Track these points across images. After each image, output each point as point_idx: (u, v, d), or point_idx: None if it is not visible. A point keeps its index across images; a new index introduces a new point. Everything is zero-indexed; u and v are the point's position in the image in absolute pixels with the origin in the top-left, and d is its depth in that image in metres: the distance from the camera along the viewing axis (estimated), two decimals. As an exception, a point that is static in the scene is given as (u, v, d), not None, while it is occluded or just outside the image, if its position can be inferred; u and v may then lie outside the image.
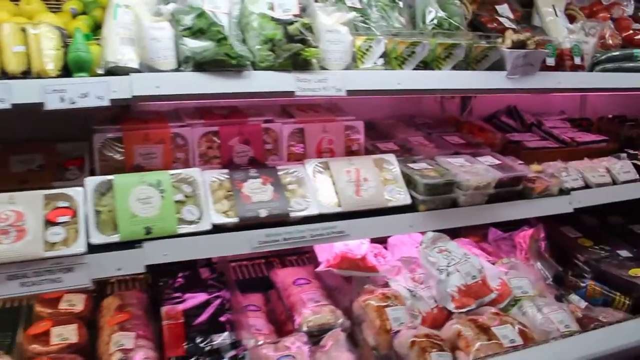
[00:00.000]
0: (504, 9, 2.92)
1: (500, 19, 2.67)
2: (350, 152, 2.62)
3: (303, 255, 2.87)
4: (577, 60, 2.64)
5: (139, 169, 2.24)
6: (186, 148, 2.35)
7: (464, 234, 2.86)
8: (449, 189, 2.26)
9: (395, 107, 3.18)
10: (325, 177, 2.27)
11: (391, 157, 2.39)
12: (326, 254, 2.37)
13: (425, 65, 2.35)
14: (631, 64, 2.80)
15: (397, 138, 2.73)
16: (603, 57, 2.79)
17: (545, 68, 2.58)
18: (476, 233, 2.85)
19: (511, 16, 2.89)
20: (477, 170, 2.35)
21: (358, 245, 2.35)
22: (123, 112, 2.38)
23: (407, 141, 2.66)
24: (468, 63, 2.41)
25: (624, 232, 3.11)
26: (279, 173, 2.25)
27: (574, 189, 2.62)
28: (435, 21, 2.54)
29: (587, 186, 2.70)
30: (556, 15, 2.90)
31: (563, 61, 2.63)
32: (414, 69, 2.32)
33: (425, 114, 3.13)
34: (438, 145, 2.66)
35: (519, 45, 2.44)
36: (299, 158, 2.54)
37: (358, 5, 2.48)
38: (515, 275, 2.39)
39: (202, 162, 2.34)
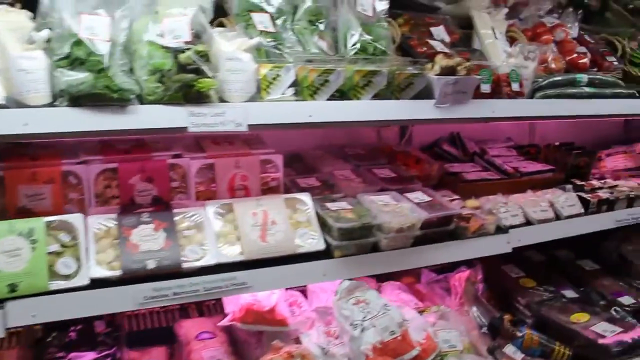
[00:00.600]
0: (439, 31, 2.75)
1: (432, 42, 2.50)
2: (267, 190, 2.41)
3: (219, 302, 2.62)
4: (515, 87, 2.47)
5: (24, 212, 2.03)
6: (80, 187, 2.13)
7: (396, 276, 2.64)
8: (366, 233, 2.06)
9: (327, 135, 2.97)
10: (228, 220, 2.04)
11: (306, 197, 2.19)
12: (232, 304, 2.14)
13: (342, 94, 2.13)
14: (574, 90, 2.65)
15: (322, 172, 2.53)
16: (544, 83, 2.63)
17: (480, 95, 2.38)
18: (412, 273, 2.63)
19: (447, 39, 2.71)
20: (401, 209, 2.15)
21: (268, 295, 2.13)
22: (11, 147, 2.13)
23: (332, 176, 2.47)
24: (391, 91, 2.20)
25: (572, 269, 2.93)
26: (175, 217, 2.03)
27: (513, 227, 2.45)
28: (357, 45, 2.34)
29: (528, 222, 2.50)
30: (495, 38, 2.72)
31: (500, 88, 2.44)
32: (329, 99, 2.10)
33: (360, 143, 2.93)
34: (365, 180, 2.46)
35: (448, 71, 2.26)
36: (210, 197, 2.33)
37: (271, 30, 2.27)
38: (443, 326, 2.19)
39: (98, 203, 2.14)
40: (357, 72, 2.16)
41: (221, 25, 2.31)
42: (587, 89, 2.74)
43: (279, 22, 2.37)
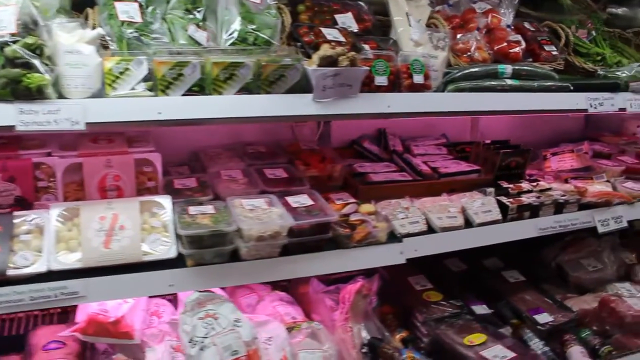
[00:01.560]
0: (345, 18, 2.54)
1: (326, 30, 2.29)
2: (144, 191, 2.29)
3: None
4: (418, 79, 2.29)
5: None
6: None
7: (293, 285, 2.48)
8: (220, 241, 1.91)
9: (242, 132, 2.82)
10: (74, 225, 1.91)
11: (165, 200, 2.05)
12: (82, 312, 2.01)
13: (201, 89, 1.97)
14: (493, 82, 2.41)
15: (208, 172, 2.36)
16: (458, 74, 2.43)
17: (376, 88, 2.18)
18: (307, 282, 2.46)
19: (354, 27, 2.49)
20: (268, 215, 2.01)
21: (118, 305, 1.98)
22: None
23: (216, 176, 2.31)
24: (259, 85, 2.02)
25: (494, 280, 2.69)
26: (15, 220, 1.92)
27: (410, 235, 2.23)
28: (235, 35, 2.17)
29: (431, 230, 2.28)
30: (409, 25, 2.50)
31: (399, 80, 2.23)
32: (187, 94, 1.94)
33: (267, 140, 2.75)
34: (251, 181, 2.31)
35: (328, 62, 2.07)
36: (80, 197, 2.20)
37: (137, 20, 2.12)
38: (308, 345, 2.02)
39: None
40: (215, 65, 2.00)
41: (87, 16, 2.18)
42: (509, 82, 2.52)
43: (149, 10, 2.20)
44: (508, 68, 2.57)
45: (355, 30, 2.57)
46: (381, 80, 2.30)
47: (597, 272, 2.90)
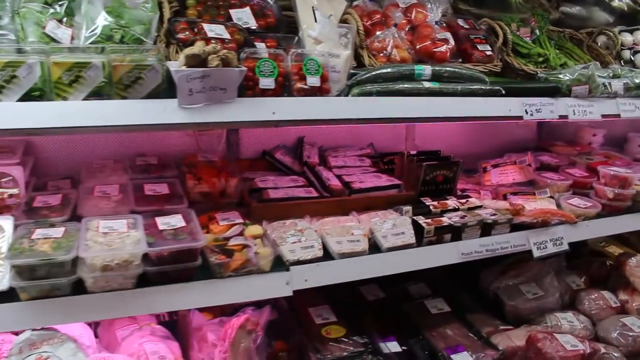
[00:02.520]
0: (243, 13, 2.26)
1: (209, 26, 2.01)
2: (4, 208, 1.99)
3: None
4: (313, 81, 2.02)
5: None
6: None
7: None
8: (57, 271, 1.65)
9: (135, 142, 2.56)
10: None
11: (5, 222, 1.74)
12: None
13: (42, 94, 1.69)
14: (407, 85, 2.12)
15: (82, 187, 2.10)
16: (366, 76, 2.14)
17: (261, 92, 1.90)
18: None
19: (252, 23, 2.22)
20: (123, 241, 1.71)
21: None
22: None
23: (89, 192, 2.04)
24: (115, 89, 1.74)
25: (415, 311, 2.38)
26: None
27: (300, 262, 1.94)
28: (97, 32, 1.89)
29: (329, 256, 2.00)
30: (315, 21, 2.21)
31: (290, 82, 1.94)
32: (22, 99, 1.66)
33: (170, 150, 2.50)
34: (124, 198, 2.01)
35: (196, 62, 1.78)
36: None
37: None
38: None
39: None
40: (56, 66, 1.72)
41: None
42: (427, 85, 2.22)
43: (-1, 4, 1.94)
44: (426, 69, 2.27)
45: (253, 27, 2.29)
46: (267, 83, 2.01)
47: (537, 300, 2.59)
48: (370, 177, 2.53)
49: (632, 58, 3.06)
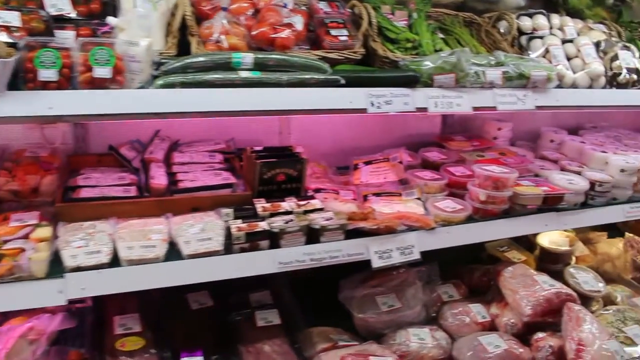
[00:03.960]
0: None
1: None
2: None
3: None
4: (101, 72, 1.83)
5: None
6: None
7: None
8: None
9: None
10: None
11: None
12: None
13: None
14: (218, 75, 1.91)
15: None
16: (173, 66, 1.95)
17: (42, 85, 1.73)
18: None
19: (68, 10, 2.07)
20: None
21: None
22: None
23: None
24: None
25: (240, 323, 2.18)
26: None
27: (81, 269, 1.81)
28: None
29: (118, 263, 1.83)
30: (134, 6, 2.02)
31: (74, 74, 1.77)
32: None
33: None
34: None
35: None
36: None
37: None
38: None
39: None
40: None
41: None
42: (245, 74, 1.99)
43: None
44: (247, 57, 2.04)
45: (69, 15, 2.10)
46: (48, 74, 1.81)
47: (393, 313, 2.33)
48: (208, 176, 2.31)
49: (528, 44, 2.72)
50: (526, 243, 3.10)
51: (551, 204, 2.53)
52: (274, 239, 2.07)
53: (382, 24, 2.51)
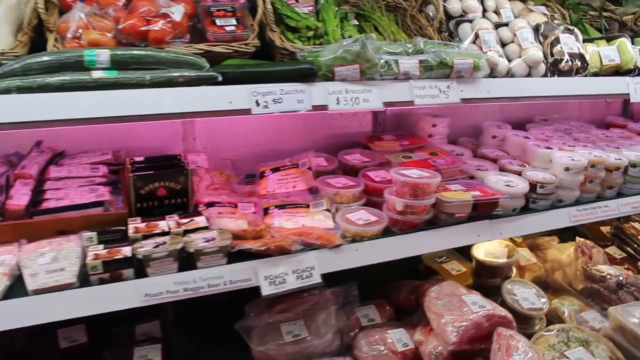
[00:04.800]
0: None
1: None
2: None
3: None
4: None
5: None
6: None
7: None
8: None
9: None
10: None
11: None
12: None
13: None
14: (65, 78, 1.61)
15: None
16: (8, 69, 1.67)
17: None
18: None
19: None
20: None
21: None
22: None
23: None
24: None
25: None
26: None
27: None
28: None
29: None
30: None
31: None
32: None
33: None
34: None
35: None
36: None
37: None
38: None
39: None
40: None
41: None
42: (97, 75, 1.66)
43: None
44: (102, 54, 1.71)
45: None
46: None
47: (298, 344, 2.00)
48: (81, 193, 1.98)
49: (456, 30, 2.39)
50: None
51: (484, 210, 2.20)
52: (139, 267, 1.76)
53: (281, 11, 2.18)
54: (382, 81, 2.08)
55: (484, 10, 2.59)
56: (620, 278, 2.52)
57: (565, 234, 3.08)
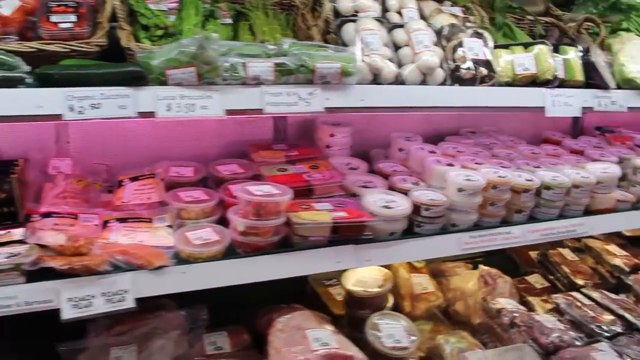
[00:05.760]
0: None
1: None
2: None
3: None
4: None
5: None
6: None
7: None
8: None
9: None
10: None
11: None
12: None
13: None
14: None
15: None
16: None
17: None
18: None
19: None
20: None
21: None
22: None
23: None
24: None
25: None
26: None
27: None
28: None
29: None
30: None
31: None
32: None
33: None
34: None
35: None
36: None
37: None
38: None
39: None
40: None
41: None
42: None
43: None
44: None
45: None
46: None
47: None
48: None
49: (339, 31, 2.13)
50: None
51: (348, 234, 1.93)
52: None
53: (134, 7, 2.00)
54: (227, 86, 1.86)
55: (385, 10, 2.31)
56: (515, 315, 2.20)
57: (494, 258, 2.77)
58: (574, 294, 2.51)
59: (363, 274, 2.32)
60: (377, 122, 2.83)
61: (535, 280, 2.73)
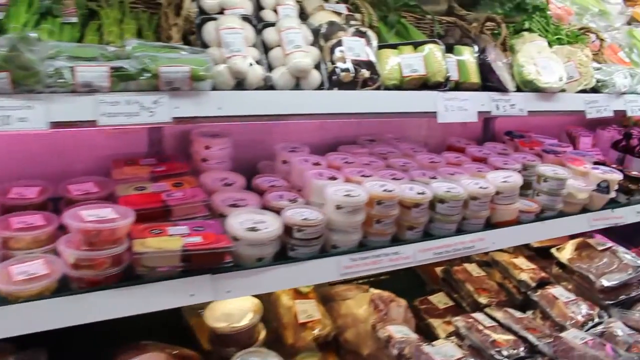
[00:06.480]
0: None
1: None
2: None
3: None
4: None
5: None
6: None
7: None
8: None
9: None
10: None
11: None
12: None
13: None
14: None
15: None
16: None
17: None
18: None
19: None
20: None
21: None
22: None
23: None
24: None
25: None
26: None
27: None
28: None
29: None
30: None
31: None
32: None
33: None
34: None
35: None
36: None
37: None
38: None
39: None
40: None
41: None
42: None
43: None
44: None
45: None
46: None
47: None
48: None
49: (199, 31, 1.89)
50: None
51: (204, 262, 1.69)
52: None
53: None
54: (53, 95, 1.60)
55: (260, 8, 2.09)
56: (403, 346, 1.99)
57: (400, 276, 2.56)
58: (476, 315, 2.32)
59: (230, 305, 2.07)
60: (271, 131, 2.60)
61: (439, 299, 2.54)
